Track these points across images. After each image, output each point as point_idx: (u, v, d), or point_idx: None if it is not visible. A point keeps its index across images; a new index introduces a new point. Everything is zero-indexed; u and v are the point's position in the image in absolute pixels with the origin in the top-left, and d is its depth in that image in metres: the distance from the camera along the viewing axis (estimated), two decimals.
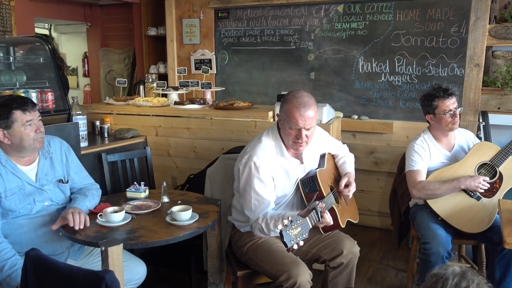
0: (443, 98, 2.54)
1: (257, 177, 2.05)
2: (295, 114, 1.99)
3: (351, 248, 2.15)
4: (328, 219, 1.86)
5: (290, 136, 2.05)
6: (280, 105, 2.12)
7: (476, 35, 3.42)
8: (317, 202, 1.85)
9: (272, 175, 2.09)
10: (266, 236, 2.12)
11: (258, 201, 2.06)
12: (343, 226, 2.16)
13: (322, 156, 2.35)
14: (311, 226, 1.73)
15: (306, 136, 2.04)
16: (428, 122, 2.68)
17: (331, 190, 2.22)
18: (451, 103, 2.54)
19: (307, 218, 1.72)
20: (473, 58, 3.45)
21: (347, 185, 2.26)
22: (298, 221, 1.66)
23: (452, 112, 2.53)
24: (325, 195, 2.10)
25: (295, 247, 1.63)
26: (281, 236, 1.60)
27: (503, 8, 3.45)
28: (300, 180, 2.18)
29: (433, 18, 3.58)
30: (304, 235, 1.67)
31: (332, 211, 2.07)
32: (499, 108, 3.43)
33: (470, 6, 3.42)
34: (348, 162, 2.42)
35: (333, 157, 2.45)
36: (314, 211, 1.79)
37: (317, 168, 2.24)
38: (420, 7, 3.62)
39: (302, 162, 2.19)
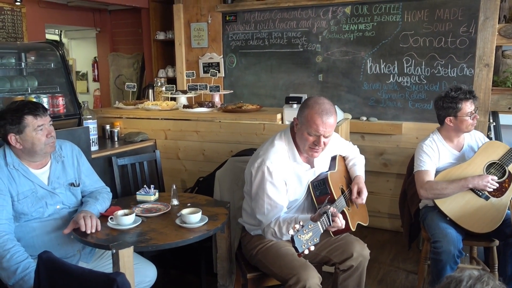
0: (467, 100, 2.52)
1: (270, 181, 2.04)
2: (316, 121, 1.97)
3: (361, 251, 2.14)
4: (340, 223, 1.85)
5: (308, 141, 2.03)
6: (299, 110, 2.09)
7: (485, 35, 3.40)
8: (328, 206, 1.84)
9: (284, 179, 2.09)
10: (278, 240, 2.12)
11: (271, 205, 2.05)
12: (353, 229, 2.15)
13: (333, 159, 2.34)
14: (322, 231, 1.72)
15: (324, 143, 2.03)
16: (441, 123, 2.65)
17: (342, 193, 2.21)
18: (473, 105, 2.53)
19: (318, 223, 1.71)
20: (483, 58, 3.43)
21: (359, 192, 2.25)
22: (309, 226, 1.65)
23: (473, 114, 2.52)
24: (336, 198, 2.09)
25: (306, 252, 1.62)
26: (292, 241, 1.59)
27: None
28: (311, 182, 2.17)
29: (442, 19, 3.56)
30: (315, 240, 1.66)
31: (342, 214, 2.06)
32: (509, 108, 3.40)
33: (479, 5, 3.39)
34: (358, 164, 2.40)
35: (343, 158, 2.45)
36: (325, 215, 1.77)
37: (328, 171, 2.24)
38: (428, 7, 3.60)
39: (312, 167, 2.18)
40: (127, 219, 2.04)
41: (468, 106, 2.52)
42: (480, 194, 2.45)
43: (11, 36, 4.75)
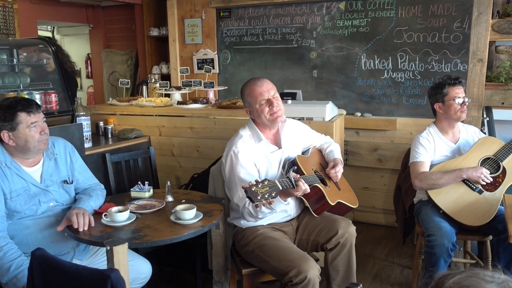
0: (453, 85, 2.59)
1: (238, 164, 2.14)
2: (256, 89, 2.16)
3: (347, 228, 2.17)
4: (303, 186, 1.91)
5: (264, 112, 2.16)
6: (242, 101, 2.28)
7: (479, 30, 3.41)
8: (291, 171, 1.93)
9: (253, 161, 2.17)
10: (257, 220, 2.16)
11: None
12: (332, 204, 2.18)
13: (306, 150, 2.43)
14: (281, 188, 1.81)
15: (277, 104, 2.17)
16: (435, 114, 2.68)
17: (315, 173, 2.26)
18: (460, 91, 2.58)
19: (275, 181, 1.81)
20: (476, 53, 3.44)
21: (333, 167, 2.31)
22: (265, 182, 1.74)
23: (461, 100, 2.56)
24: (305, 173, 2.15)
25: (264, 202, 1.71)
26: (245, 192, 1.69)
27: (506, 3, 3.43)
28: (282, 166, 2.25)
29: (436, 14, 3.57)
30: (273, 194, 1.74)
31: (315, 188, 2.13)
32: (503, 103, 3.42)
33: (472, 1, 3.40)
34: (334, 150, 2.46)
35: (319, 151, 2.50)
36: (286, 178, 1.87)
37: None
38: (422, 3, 3.61)
39: (280, 147, 2.26)
40: (121, 216, 2.03)
41: (454, 91, 2.57)
42: (474, 187, 2.46)
43: (3, 32, 4.71)
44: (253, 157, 2.18)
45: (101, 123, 3.35)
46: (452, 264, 3.00)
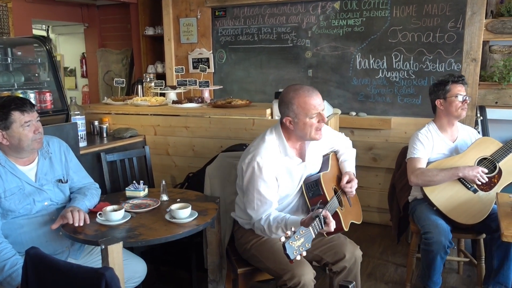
0: (456, 82, 2.62)
1: (260, 177, 2.04)
2: (310, 101, 2.02)
3: (354, 252, 2.14)
4: (332, 225, 1.83)
5: (312, 126, 2.04)
6: (284, 109, 2.08)
7: (472, 30, 3.43)
8: (320, 210, 1.83)
9: (275, 175, 2.08)
10: (267, 236, 2.12)
11: (260, 201, 2.05)
12: (346, 230, 2.15)
13: (326, 159, 2.34)
14: (314, 236, 1.71)
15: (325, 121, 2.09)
16: (434, 111, 2.70)
17: (335, 193, 2.20)
18: (462, 89, 2.61)
19: (310, 228, 1.69)
20: (470, 53, 3.46)
21: (348, 181, 2.27)
22: (301, 232, 1.63)
23: (462, 97, 2.58)
24: (328, 199, 2.08)
25: (298, 258, 1.61)
26: (284, 248, 1.57)
27: (499, 3, 3.45)
28: (303, 183, 2.17)
29: (430, 14, 3.59)
30: (307, 246, 1.64)
31: (335, 215, 2.06)
32: (496, 102, 3.44)
33: (466, 1, 3.42)
34: (349, 159, 2.40)
35: (335, 154, 2.44)
36: (317, 219, 1.76)
37: (320, 171, 2.23)
38: (416, 2, 3.62)
39: (303, 160, 2.18)
40: (116, 215, 2.03)
41: (457, 88, 2.59)
42: (469, 186, 2.48)
43: None
44: (276, 170, 2.08)
45: (96, 122, 3.34)
46: (446, 263, 3.03)
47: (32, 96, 2.76)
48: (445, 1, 3.52)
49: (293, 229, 1.63)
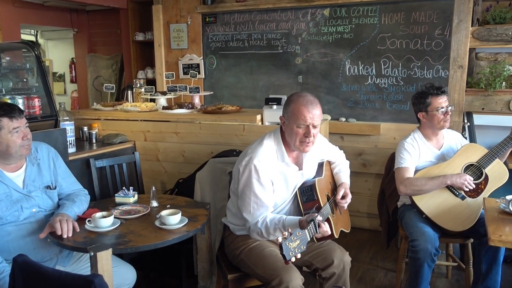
0: (436, 95, 2.60)
1: (256, 179, 2.04)
2: (303, 111, 2.00)
3: (342, 257, 2.14)
4: (326, 229, 1.86)
5: (298, 135, 2.03)
6: (284, 108, 2.11)
7: (459, 37, 3.49)
8: (316, 214, 1.85)
9: (271, 179, 2.09)
10: (263, 239, 2.13)
11: (257, 204, 2.05)
12: (336, 237, 2.16)
13: (320, 165, 2.35)
14: (309, 239, 1.73)
15: (313, 135, 2.04)
16: (419, 121, 2.72)
17: (328, 200, 2.22)
18: (443, 100, 2.60)
19: (305, 230, 1.72)
20: (457, 60, 3.52)
21: (343, 197, 2.28)
22: (297, 234, 1.66)
23: (444, 109, 2.59)
24: (322, 205, 2.09)
25: (293, 259, 1.63)
26: (280, 248, 1.59)
27: (485, 11, 3.52)
28: (298, 188, 2.18)
29: (417, 21, 3.64)
30: (302, 248, 1.66)
31: (327, 221, 2.07)
32: (483, 108, 3.50)
33: (453, 9, 3.48)
34: (343, 170, 2.43)
35: (329, 163, 2.46)
36: (312, 223, 1.78)
37: (315, 177, 2.24)
38: (404, 10, 3.68)
39: (300, 169, 2.18)
40: (105, 221, 2.02)
41: (437, 101, 2.59)
42: (457, 193, 2.51)
43: None
44: (272, 174, 2.08)
45: (85, 128, 3.32)
46: (435, 267, 3.05)
47: (20, 102, 2.74)
48: (432, 9, 3.58)
49: (289, 230, 1.66)
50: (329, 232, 1.90)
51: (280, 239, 1.60)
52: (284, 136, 2.13)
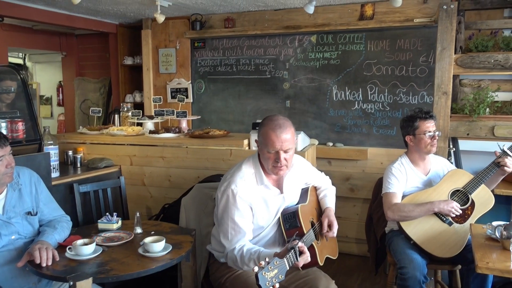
0: (424, 119, 2.64)
1: (234, 205, 2.02)
2: (271, 136, 1.98)
3: (328, 286, 2.08)
4: (307, 258, 1.80)
5: (270, 160, 2.02)
6: (258, 131, 2.10)
7: (443, 65, 3.55)
8: (296, 241, 1.79)
9: (250, 204, 2.06)
10: (238, 269, 2.07)
11: (234, 230, 2.02)
12: (321, 264, 2.12)
13: (305, 191, 2.33)
14: (288, 268, 1.67)
15: (285, 159, 2.02)
16: (406, 145, 2.73)
17: (312, 226, 2.18)
18: (431, 125, 2.64)
19: (284, 259, 1.66)
20: (441, 86, 3.57)
21: (329, 226, 2.23)
22: (275, 263, 1.60)
23: (431, 133, 2.61)
24: (305, 232, 2.06)
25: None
26: (256, 279, 1.53)
27: (468, 39, 3.61)
28: (281, 214, 2.15)
29: (402, 48, 3.72)
30: (280, 277, 1.60)
31: (311, 248, 2.03)
32: (468, 134, 3.53)
33: (436, 37, 3.56)
34: (329, 195, 2.40)
35: (315, 189, 2.44)
36: (292, 250, 1.73)
37: (299, 203, 2.22)
38: (389, 37, 3.76)
39: (282, 192, 2.16)
40: (86, 249, 1.96)
41: (425, 125, 2.63)
42: (444, 219, 2.51)
43: None
44: (251, 199, 2.05)
45: (70, 152, 3.28)
46: None
47: (3, 125, 2.70)
48: (416, 37, 3.66)
49: (267, 259, 1.60)
50: (309, 260, 1.83)
51: (256, 269, 1.54)
52: (261, 162, 2.12)
